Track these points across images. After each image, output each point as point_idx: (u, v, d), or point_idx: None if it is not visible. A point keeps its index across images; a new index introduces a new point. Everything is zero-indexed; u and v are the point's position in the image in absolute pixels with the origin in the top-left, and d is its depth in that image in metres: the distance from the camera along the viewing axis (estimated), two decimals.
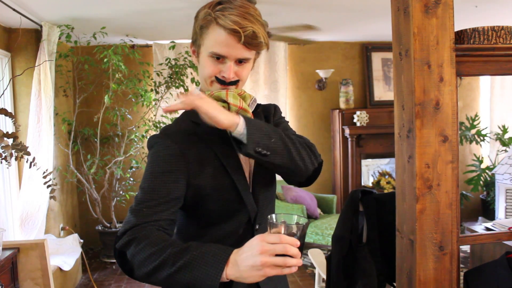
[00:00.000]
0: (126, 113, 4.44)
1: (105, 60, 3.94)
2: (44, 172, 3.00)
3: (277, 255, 0.86)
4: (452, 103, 1.34)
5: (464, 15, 3.71)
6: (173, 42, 4.33)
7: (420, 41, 1.31)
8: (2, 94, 3.39)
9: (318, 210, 4.58)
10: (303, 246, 0.91)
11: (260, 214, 1.14)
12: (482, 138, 5.19)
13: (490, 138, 5.41)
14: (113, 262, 4.38)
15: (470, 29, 1.41)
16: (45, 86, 3.54)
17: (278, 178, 1.27)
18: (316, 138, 5.13)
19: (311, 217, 4.42)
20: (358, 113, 4.95)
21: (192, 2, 3.12)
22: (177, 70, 4.24)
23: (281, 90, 5.05)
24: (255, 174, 1.16)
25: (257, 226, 1.14)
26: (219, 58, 1.08)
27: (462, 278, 1.52)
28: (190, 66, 4.28)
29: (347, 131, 4.95)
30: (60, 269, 3.35)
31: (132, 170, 4.46)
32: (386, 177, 5.11)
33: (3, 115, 2.61)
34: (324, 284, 2.93)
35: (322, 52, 5.22)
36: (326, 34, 4.75)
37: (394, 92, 1.46)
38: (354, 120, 5.00)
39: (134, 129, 4.47)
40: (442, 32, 1.32)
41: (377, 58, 5.26)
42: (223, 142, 1.09)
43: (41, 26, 3.59)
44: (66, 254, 3.58)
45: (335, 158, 5.21)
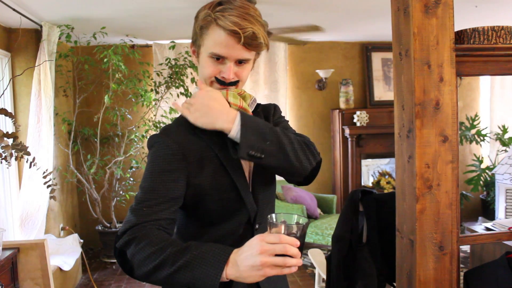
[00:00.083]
0: (126, 113, 4.44)
1: (105, 60, 3.94)
2: (44, 172, 3.01)
3: (277, 255, 0.86)
4: (452, 103, 1.34)
5: (464, 15, 3.71)
6: (173, 42, 4.33)
7: (420, 41, 1.31)
8: (2, 94, 3.39)
9: (318, 210, 4.58)
10: (303, 246, 0.91)
11: (260, 214, 1.14)
12: (482, 138, 5.19)
13: (490, 138, 5.40)
14: (113, 262, 4.38)
15: (470, 29, 1.41)
16: (45, 86, 3.54)
17: (278, 178, 1.27)
18: (316, 138, 5.13)
19: (311, 217, 4.42)
20: (358, 113, 4.95)
21: (192, 2, 3.12)
22: (177, 70, 4.25)
23: (281, 90, 5.05)
24: (255, 173, 1.16)
25: (257, 226, 1.14)
26: (219, 58, 1.08)
27: (462, 278, 1.52)
28: (190, 66, 4.28)
29: (347, 131, 4.95)
30: (60, 269, 3.36)
31: (132, 170, 4.47)
32: (386, 177, 5.11)
33: (3, 115, 2.61)
34: (324, 284, 2.93)
35: (322, 52, 5.22)
36: (326, 34, 4.75)
37: (394, 92, 1.46)
38: (354, 120, 5.00)
39: (134, 129, 4.47)
40: (442, 32, 1.32)
41: (377, 58, 5.26)
42: (223, 141, 1.09)
43: (41, 26, 3.59)
44: (66, 254, 3.58)
45: (335, 158, 5.21)
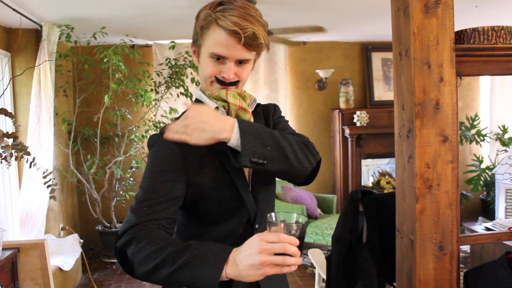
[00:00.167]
0: (126, 113, 4.44)
1: (105, 60, 3.94)
2: (44, 172, 3.01)
3: (276, 254, 0.86)
4: (452, 103, 1.34)
5: (464, 15, 3.71)
6: (173, 42, 4.33)
7: (420, 41, 1.31)
8: (2, 94, 3.39)
9: (318, 210, 4.58)
10: (303, 245, 0.91)
11: (259, 214, 1.14)
12: (482, 138, 5.19)
13: (490, 138, 5.40)
14: (113, 262, 4.38)
15: (470, 29, 1.41)
16: (45, 86, 3.54)
17: (278, 178, 1.27)
18: (316, 138, 5.13)
19: (311, 217, 4.42)
20: (358, 113, 4.95)
21: (192, 2, 3.12)
22: (177, 70, 4.25)
23: (281, 90, 5.05)
24: (255, 173, 1.16)
25: (256, 226, 1.14)
26: (219, 58, 1.08)
27: (462, 278, 1.52)
28: (190, 66, 4.28)
29: (347, 131, 4.95)
30: (60, 269, 3.36)
31: (132, 170, 4.47)
32: (386, 177, 5.11)
33: (3, 115, 2.61)
34: (324, 284, 2.93)
35: (322, 52, 5.22)
36: (326, 34, 4.75)
37: (394, 92, 1.46)
38: (354, 120, 5.00)
39: (134, 129, 4.47)
40: (442, 32, 1.32)
41: (377, 58, 5.26)
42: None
43: (41, 26, 3.59)
44: (66, 254, 3.58)
45: (335, 158, 5.21)
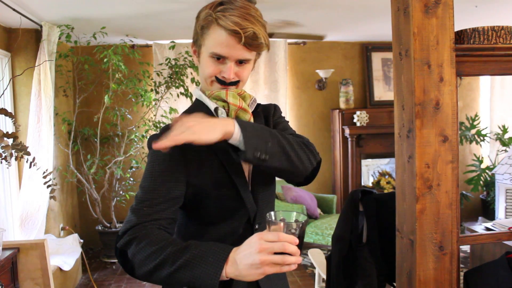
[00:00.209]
0: (126, 113, 4.44)
1: (105, 60, 3.94)
2: (44, 172, 3.01)
3: (276, 253, 0.86)
4: (452, 103, 1.34)
5: (464, 15, 3.71)
6: (173, 42, 4.33)
7: (420, 41, 1.31)
8: (2, 94, 3.39)
9: (318, 210, 4.58)
10: (303, 243, 0.91)
11: (259, 214, 1.14)
12: (482, 138, 5.19)
13: (490, 138, 5.40)
14: (113, 262, 4.38)
15: (470, 29, 1.41)
16: (45, 86, 3.54)
17: (277, 178, 1.27)
18: (316, 138, 5.13)
19: (311, 217, 4.42)
20: (358, 113, 4.95)
21: (192, 3, 3.12)
22: (177, 70, 4.25)
23: (281, 90, 5.05)
24: (254, 173, 1.16)
25: (256, 226, 1.14)
26: (220, 58, 1.08)
27: (462, 278, 1.52)
28: (190, 66, 4.28)
29: (347, 131, 4.95)
30: (60, 269, 3.36)
31: (132, 170, 4.47)
32: (386, 177, 5.11)
33: (3, 115, 2.61)
34: (324, 284, 2.93)
35: (322, 52, 5.22)
36: (326, 34, 4.75)
37: (394, 92, 1.46)
38: (354, 120, 5.00)
39: (134, 129, 4.47)
40: (442, 32, 1.32)
41: (377, 58, 5.26)
42: (222, 141, 1.09)
43: (41, 26, 3.59)
44: (66, 254, 3.58)
45: (335, 158, 5.21)
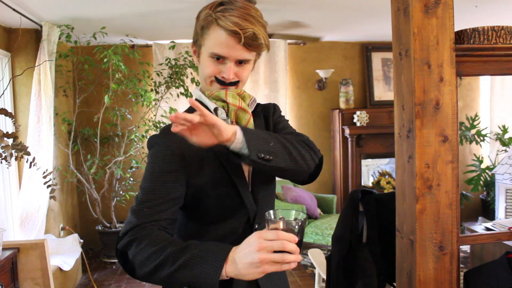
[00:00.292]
0: (126, 113, 4.44)
1: (105, 60, 3.94)
2: (44, 172, 3.01)
3: (275, 252, 0.86)
4: (452, 103, 1.35)
5: (464, 15, 3.71)
6: (173, 42, 4.33)
7: (420, 41, 1.31)
8: (2, 94, 3.39)
9: (318, 210, 4.58)
10: (302, 241, 0.91)
11: (259, 214, 1.14)
12: (482, 138, 5.18)
13: (490, 138, 5.40)
14: (113, 262, 4.38)
15: (470, 29, 1.41)
16: (45, 86, 3.54)
17: (278, 178, 1.27)
18: (316, 138, 5.13)
19: (311, 217, 4.42)
20: (358, 113, 4.95)
21: (192, 3, 3.12)
22: (177, 70, 4.25)
23: (281, 90, 5.05)
24: (254, 173, 1.16)
25: (256, 226, 1.14)
26: (219, 58, 1.08)
27: (462, 278, 1.52)
28: (190, 66, 4.28)
29: (347, 131, 4.95)
30: (60, 269, 3.35)
31: (132, 170, 4.47)
32: (386, 177, 5.11)
33: (3, 115, 2.60)
34: (324, 284, 2.93)
35: (322, 52, 5.22)
36: (326, 34, 4.75)
37: (394, 92, 1.46)
38: (354, 120, 4.99)
39: (134, 129, 4.47)
40: (442, 32, 1.32)
41: (377, 58, 5.26)
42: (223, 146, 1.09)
43: (41, 26, 3.59)
44: (66, 254, 3.58)
45: (335, 158, 5.21)
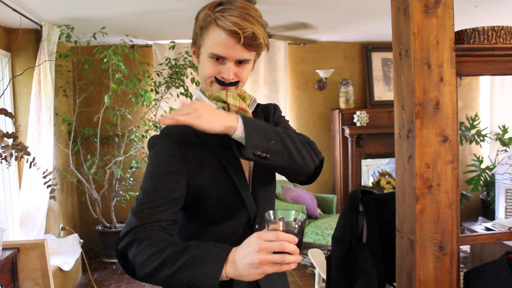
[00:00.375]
0: (126, 113, 4.44)
1: (105, 60, 3.94)
2: (44, 172, 3.01)
3: (275, 252, 0.86)
4: (452, 103, 1.34)
5: (464, 15, 3.71)
6: (173, 42, 4.33)
7: (420, 41, 1.31)
8: (2, 94, 3.39)
9: (318, 210, 4.58)
10: (302, 242, 0.91)
11: (259, 214, 1.14)
12: (482, 138, 5.18)
13: (490, 138, 5.40)
14: (113, 262, 4.38)
15: (470, 29, 1.41)
16: (45, 86, 3.54)
17: (278, 178, 1.27)
18: (316, 138, 5.13)
19: (311, 217, 4.42)
20: (358, 113, 4.95)
21: (192, 3, 3.12)
22: (177, 70, 4.25)
23: (281, 90, 5.05)
24: (255, 173, 1.16)
25: (256, 226, 1.14)
26: (219, 59, 1.07)
27: (462, 278, 1.52)
28: (190, 66, 4.28)
29: (347, 131, 4.95)
30: (60, 269, 3.36)
31: (132, 170, 4.47)
32: (386, 177, 5.11)
33: (3, 115, 2.60)
34: (324, 284, 2.93)
35: (322, 52, 5.22)
36: (326, 34, 4.75)
37: (394, 92, 1.46)
38: (354, 120, 4.99)
39: (134, 129, 4.47)
40: (442, 32, 1.32)
41: (377, 58, 5.26)
42: (223, 142, 1.09)
43: (41, 26, 3.59)
44: (66, 254, 3.58)
45: (335, 158, 5.21)
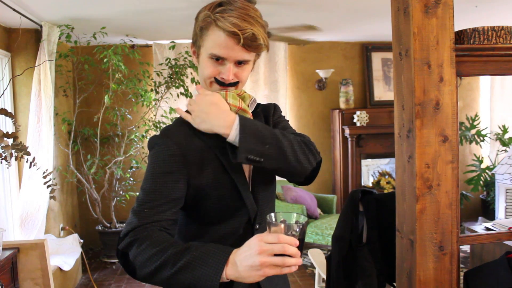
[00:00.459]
0: (126, 113, 4.44)
1: (105, 60, 3.94)
2: (44, 172, 3.01)
3: (276, 255, 0.86)
4: (452, 103, 1.34)
5: (464, 15, 3.71)
6: (173, 42, 4.33)
7: (420, 41, 1.31)
8: (2, 94, 3.39)
9: (318, 210, 4.58)
10: (303, 245, 0.91)
11: (260, 214, 1.14)
12: (482, 138, 5.18)
13: (490, 138, 5.40)
14: (113, 262, 4.38)
15: (470, 29, 1.41)
16: (45, 86, 3.54)
17: (278, 178, 1.27)
18: (316, 138, 5.13)
19: (311, 217, 4.42)
20: (358, 113, 4.95)
21: (192, 2, 3.12)
22: (177, 70, 4.25)
23: (281, 90, 5.05)
24: (255, 173, 1.16)
25: (257, 226, 1.14)
26: (219, 59, 1.07)
27: (462, 278, 1.52)
28: (190, 66, 4.28)
29: (347, 131, 4.95)
30: (60, 269, 3.36)
31: (132, 170, 4.47)
32: (386, 177, 5.11)
33: (3, 115, 2.60)
34: (324, 284, 2.93)
35: (322, 52, 5.22)
36: (326, 34, 4.75)
37: (394, 92, 1.46)
38: (354, 120, 4.99)
39: (134, 129, 4.47)
40: (442, 32, 1.32)
41: (377, 58, 5.26)
42: (223, 142, 1.09)
43: (41, 26, 3.59)
44: (66, 254, 3.58)
45: (335, 158, 5.21)
